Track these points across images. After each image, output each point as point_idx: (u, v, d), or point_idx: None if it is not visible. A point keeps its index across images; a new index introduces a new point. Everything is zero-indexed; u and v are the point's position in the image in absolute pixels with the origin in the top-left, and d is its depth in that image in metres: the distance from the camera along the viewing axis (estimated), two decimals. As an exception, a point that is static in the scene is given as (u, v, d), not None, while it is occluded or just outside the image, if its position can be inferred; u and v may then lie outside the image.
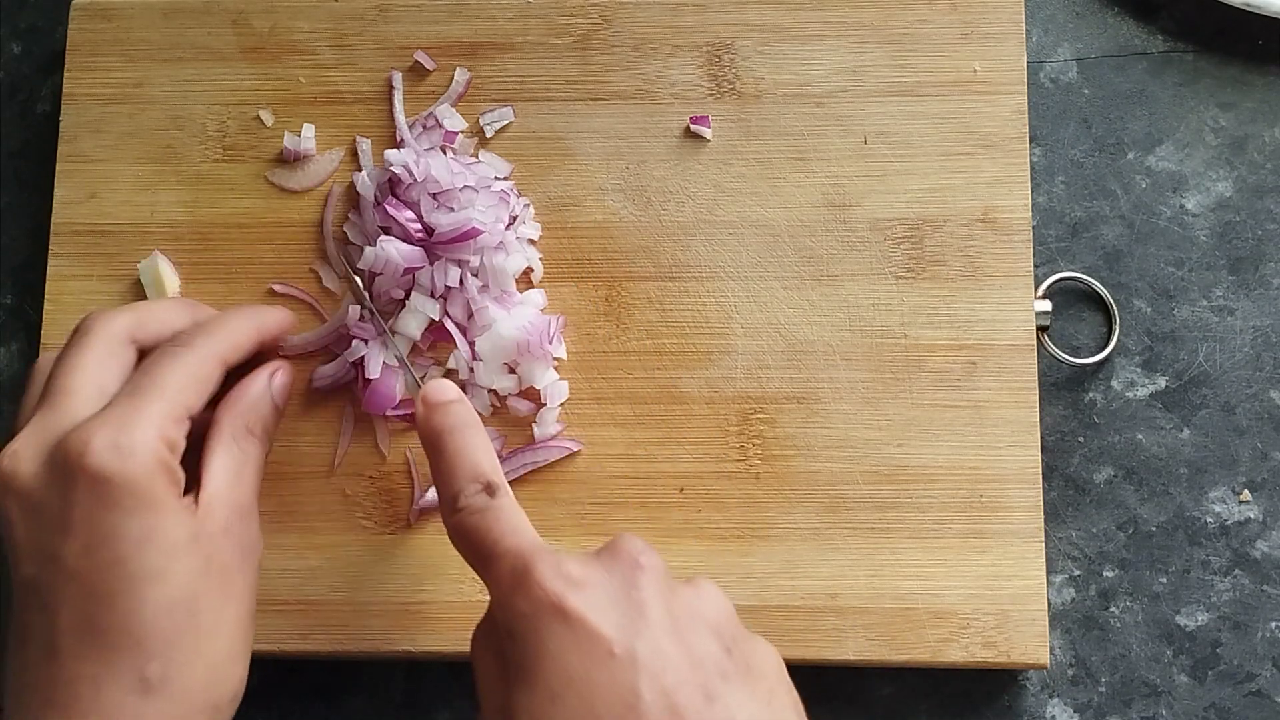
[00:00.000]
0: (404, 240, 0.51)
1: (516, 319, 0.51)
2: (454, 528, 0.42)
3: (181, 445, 0.43)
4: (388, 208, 0.52)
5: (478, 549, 0.41)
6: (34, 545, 0.42)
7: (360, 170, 0.55)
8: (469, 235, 0.51)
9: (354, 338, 0.52)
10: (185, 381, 0.44)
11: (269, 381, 0.47)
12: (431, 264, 0.51)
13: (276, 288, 0.54)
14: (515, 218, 0.53)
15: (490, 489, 0.42)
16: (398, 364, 0.52)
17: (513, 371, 0.52)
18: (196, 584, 0.42)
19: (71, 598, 0.41)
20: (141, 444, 0.41)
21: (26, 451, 0.42)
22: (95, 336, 0.45)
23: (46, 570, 0.41)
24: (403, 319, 0.52)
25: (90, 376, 0.44)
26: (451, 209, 0.51)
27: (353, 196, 0.54)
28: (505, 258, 0.52)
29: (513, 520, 0.41)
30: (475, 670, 0.41)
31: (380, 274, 0.52)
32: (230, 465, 0.45)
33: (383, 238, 0.51)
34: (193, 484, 0.44)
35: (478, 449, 0.43)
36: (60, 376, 0.44)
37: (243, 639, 0.44)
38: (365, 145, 0.55)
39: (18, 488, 0.42)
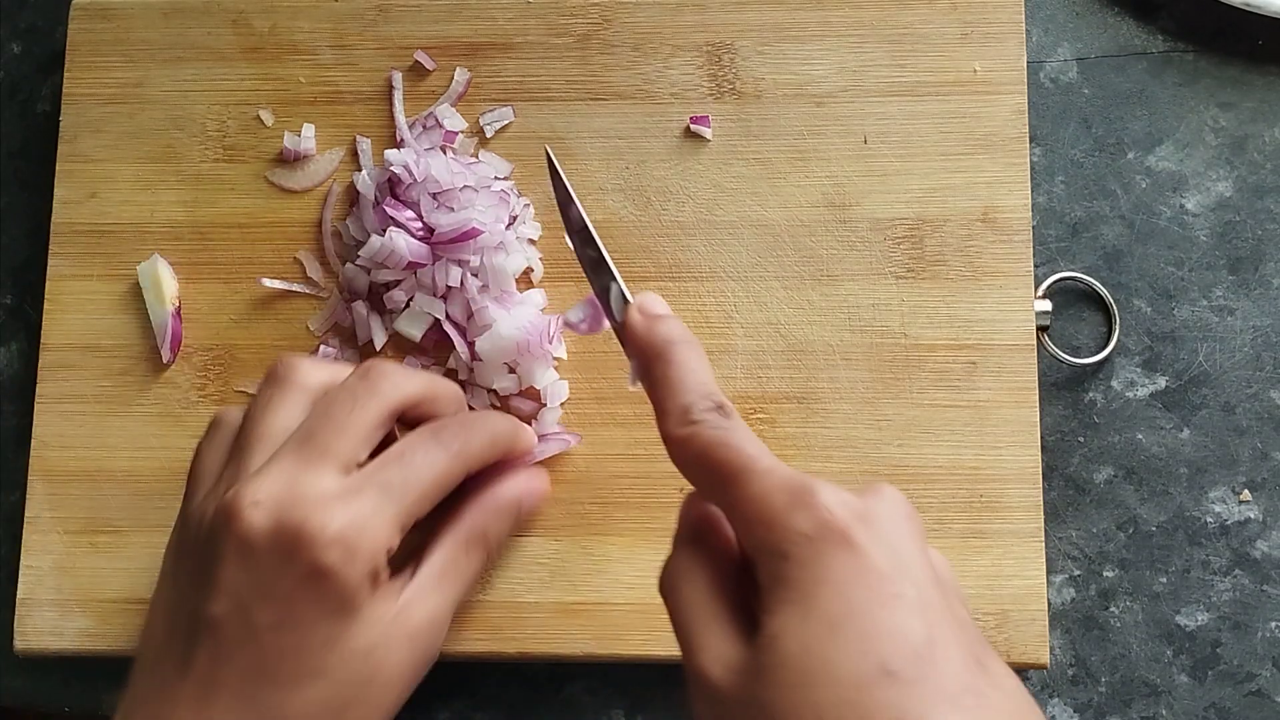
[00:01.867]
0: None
1: (516, 319, 0.51)
2: (687, 441, 0.39)
3: (397, 547, 0.43)
4: (387, 208, 0.52)
5: (723, 465, 0.38)
6: (235, 593, 0.41)
7: (360, 170, 0.55)
8: (469, 235, 0.51)
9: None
10: (429, 490, 0.43)
11: (523, 492, 0.47)
12: (432, 264, 0.51)
13: (266, 282, 0.54)
14: (515, 218, 0.53)
15: (724, 409, 0.39)
16: (599, 271, 0.47)
17: (513, 371, 0.52)
18: (355, 693, 0.42)
19: (247, 659, 0.41)
20: (368, 550, 0.41)
21: (268, 503, 0.41)
22: (378, 400, 0.44)
23: (235, 623, 0.41)
24: (404, 319, 0.52)
25: (354, 444, 0.43)
26: (451, 209, 0.51)
27: (352, 196, 0.54)
28: (505, 257, 0.52)
29: (759, 442, 0.39)
30: (680, 602, 0.38)
31: (384, 265, 0.52)
32: (449, 571, 0.44)
33: (392, 228, 0.51)
34: (403, 566, 0.44)
35: (705, 367, 0.41)
36: (326, 429, 0.43)
37: None
38: (365, 145, 0.55)
39: (246, 535, 0.41)
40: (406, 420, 0.46)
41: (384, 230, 0.52)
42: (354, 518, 0.41)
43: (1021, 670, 0.51)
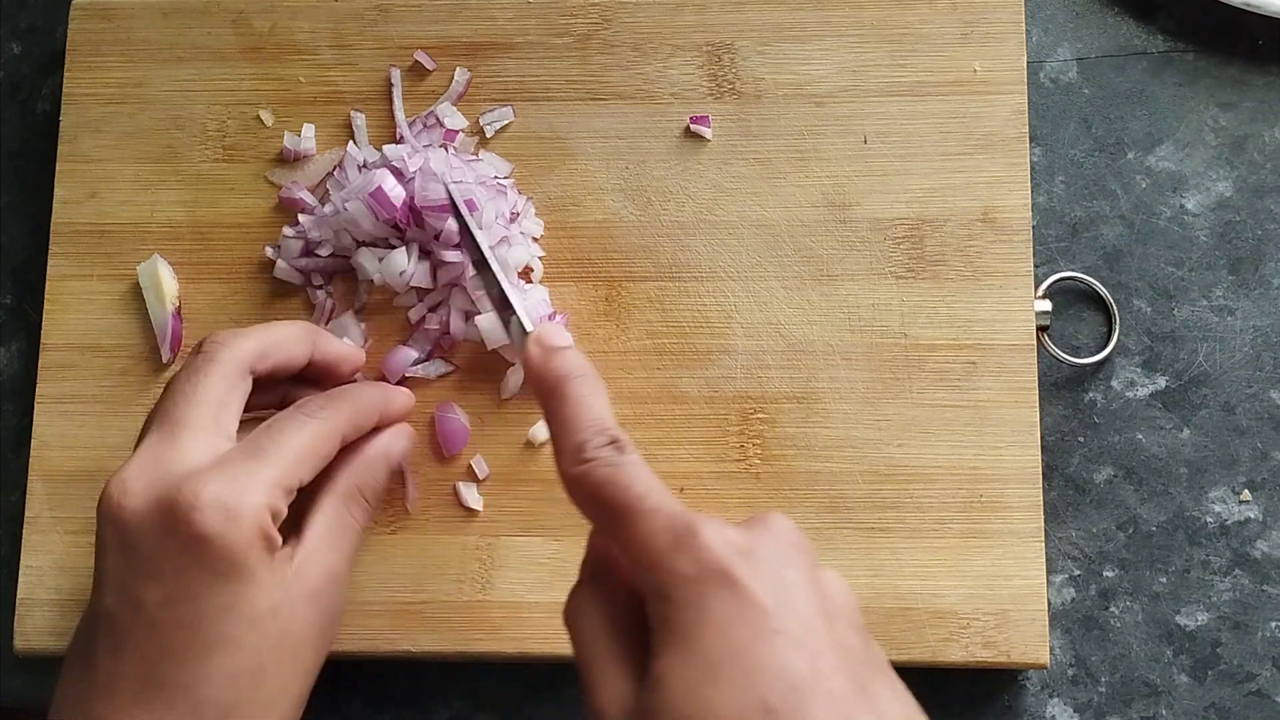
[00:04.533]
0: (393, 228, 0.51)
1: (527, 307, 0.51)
2: (580, 479, 0.39)
3: (284, 513, 0.43)
4: (383, 185, 0.51)
5: (612, 502, 0.39)
6: (120, 580, 0.41)
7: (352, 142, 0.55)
8: (468, 206, 0.50)
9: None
10: (305, 452, 0.44)
11: (389, 447, 0.47)
12: (434, 265, 0.51)
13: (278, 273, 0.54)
14: (517, 214, 0.53)
15: (619, 444, 0.40)
16: (502, 304, 0.48)
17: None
18: (267, 657, 0.41)
19: (143, 644, 0.41)
20: (249, 510, 0.41)
21: (136, 485, 0.42)
22: (217, 365, 0.45)
23: (125, 609, 0.41)
24: (385, 263, 0.52)
25: (207, 410, 0.44)
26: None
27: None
28: (508, 249, 0.52)
29: (651, 478, 0.39)
30: (581, 636, 0.39)
31: (374, 201, 0.51)
32: (334, 528, 0.44)
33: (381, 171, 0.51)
34: (291, 535, 0.44)
35: (601, 400, 0.41)
36: (177, 404, 0.44)
37: (298, 710, 0.43)
38: (360, 120, 0.55)
39: (121, 520, 0.42)
40: (302, 378, 0.48)
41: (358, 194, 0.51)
42: (227, 482, 0.41)
43: (1021, 670, 0.52)
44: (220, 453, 0.43)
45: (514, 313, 0.46)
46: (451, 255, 0.51)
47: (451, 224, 0.50)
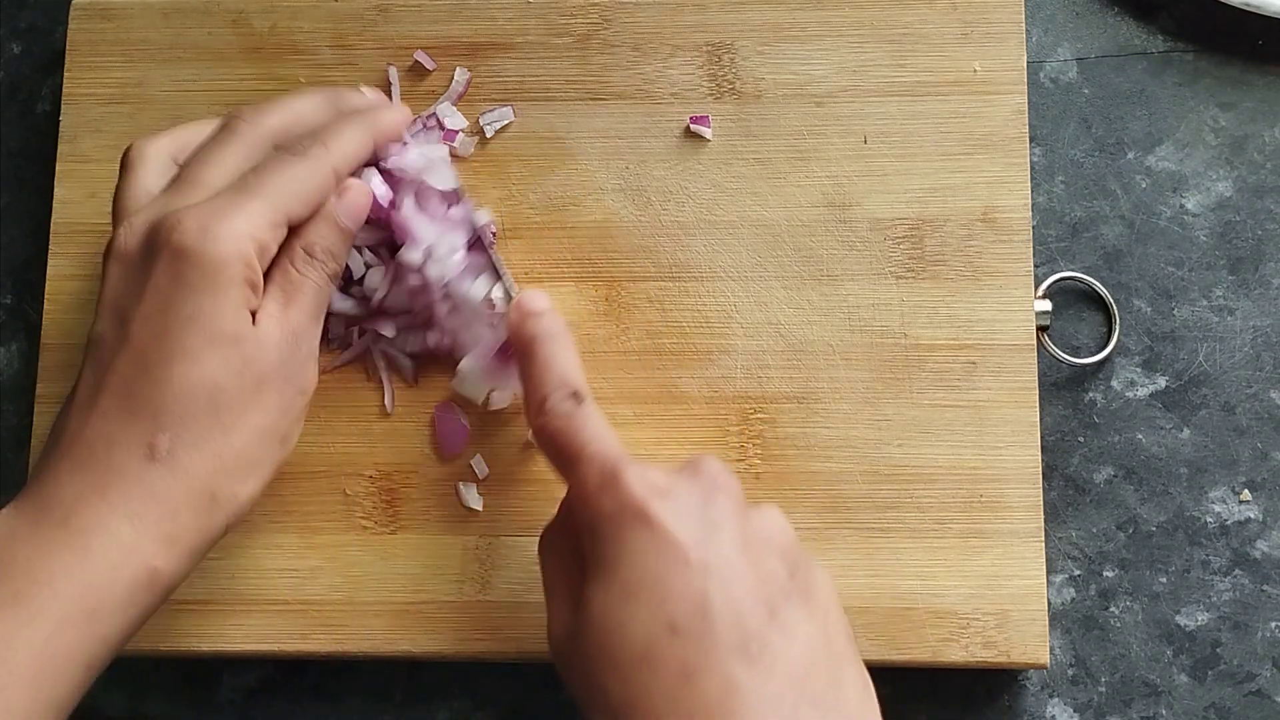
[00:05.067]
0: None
1: (478, 353, 0.51)
2: (540, 429, 0.44)
3: (273, 251, 0.45)
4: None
5: (564, 450, 0.43)
6: (112, 305, 0.44)
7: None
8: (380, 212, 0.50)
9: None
10: (293, 188, 0.45)
11: (335, 202, 0.47)
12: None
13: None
14: (478, 239, 0.51)
15: (577, 396, 0.44)
16: (498, 274, 0.51)
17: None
18: (225, 378, 0.43)
19: (122, 359, 0.43)
20: (228, 233, 0.43)
21: (139, 224, 0.44)
22: (239, 136, 0.47)
23: (113, 330, 0.43)
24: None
25: (219, 173, 0.46)
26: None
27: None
28: (470, 284, 0.51)
29: (599, 427, 0.43)
30: (544, 568, 0.44)
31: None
32: (288, 287, 0.45)
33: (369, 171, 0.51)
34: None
35: (568, 359, 0.45)
36: (198, 168, 0.46)
37: (258, 450, 0.44)
38: (394, 73, 0.55)
39: (122, 250, 0.44)
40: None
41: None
42: (212, 208, 0.43)
43: (1021, 670, 0.52)
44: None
45: (501, 279, 0.50)
46: (411, 255, 0.50)
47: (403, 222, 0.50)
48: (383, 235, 0.51)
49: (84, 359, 0.44)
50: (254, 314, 0.44)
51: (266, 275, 0.45)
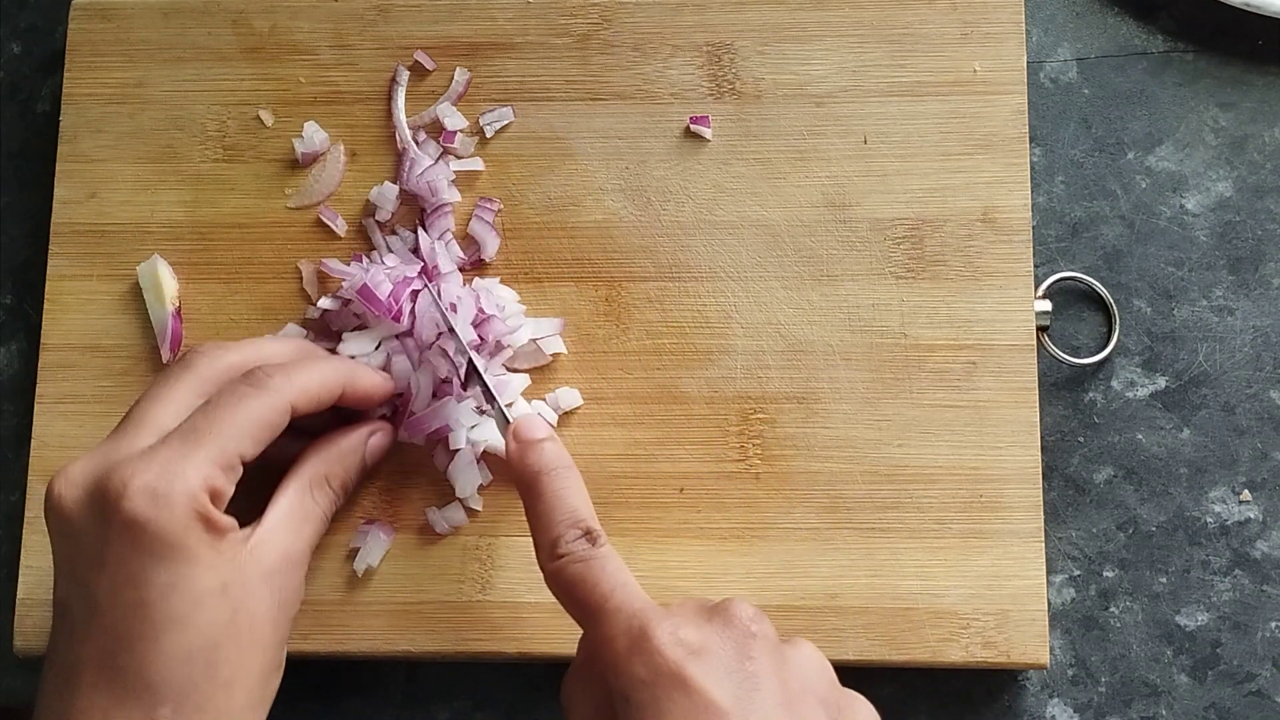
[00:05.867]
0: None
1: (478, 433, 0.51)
2: (555, 575, 0.42)
3: (229, 491, 0.43)
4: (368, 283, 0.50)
5: (583, 600, 0.41)
6: (69, 571, 0.42)
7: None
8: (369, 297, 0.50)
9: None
10: (245, 427, 0.43)
11: (365, 439, 0.47)
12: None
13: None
14: (471, 366, 0.49)
15: (591, 536, 0.42)
16: (489, 404, 0.49)
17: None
18: (219, 634, 0.41)
19: (95, 631, 0.41)
20: (180, 494, 0.41)
21: (77, 477, 0.42)
22: (192, 372, 0.45)
23: (76, 598, 0.42)
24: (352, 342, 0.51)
25: (169, 412, 0.44)
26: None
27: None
28: (440, 359, 0.50)
29: (618, 573, 0.41)
30: (571, 717, 0.42)
31: (362, 298, 0.50)
32: (295, 512, 0.45)
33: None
34: (255, 517, 0.44)
35: (576, 493, 0.43)
36: (142, 406, 0.44)
37: (262, 690, 0.43)
38: (403, 75, 0.55)
39: (61, 510, 0.42)
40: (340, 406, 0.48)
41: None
42: (159, 466, 0.41)
43: (1021, 670, 0.52)
44: (158, 440, 0.43)
45: (495, 403, 0.48)
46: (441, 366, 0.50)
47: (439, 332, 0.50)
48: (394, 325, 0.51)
49: (54, 624, 0.43)
50: (252, 530, 0.43)
51: (278, 486, 0.44)
